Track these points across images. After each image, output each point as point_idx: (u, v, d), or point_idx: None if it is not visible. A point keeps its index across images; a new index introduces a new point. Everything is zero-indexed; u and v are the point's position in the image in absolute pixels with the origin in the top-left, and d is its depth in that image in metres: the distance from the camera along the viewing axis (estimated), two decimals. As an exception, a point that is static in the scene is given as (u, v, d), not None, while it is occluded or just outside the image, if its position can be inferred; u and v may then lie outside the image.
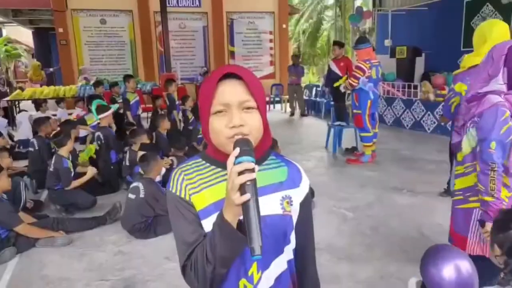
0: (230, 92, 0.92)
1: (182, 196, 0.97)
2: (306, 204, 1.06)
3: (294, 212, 1.03)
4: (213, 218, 0.93)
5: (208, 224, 0.95)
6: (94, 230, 3.78)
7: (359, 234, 3.52)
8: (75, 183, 4.27)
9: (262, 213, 0.83)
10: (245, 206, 0.81)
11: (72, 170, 4.33)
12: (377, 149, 6.00)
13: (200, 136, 6.43)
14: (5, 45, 18.02)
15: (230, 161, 0.83)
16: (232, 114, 0.91)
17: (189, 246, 0.95)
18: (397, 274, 2.83)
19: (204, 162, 1.02)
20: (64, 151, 4.28)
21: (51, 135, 5.59)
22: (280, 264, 1.01)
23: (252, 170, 0.82)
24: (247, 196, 0.80)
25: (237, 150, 0.84)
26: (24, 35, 19.36)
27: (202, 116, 0.97)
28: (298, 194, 1.04)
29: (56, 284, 2.89)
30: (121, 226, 3.73)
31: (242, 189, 0.81)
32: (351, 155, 6.16)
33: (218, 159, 0.98)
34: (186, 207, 0.97)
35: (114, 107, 5.65)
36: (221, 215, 0.87)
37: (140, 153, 4.41)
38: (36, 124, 5.60)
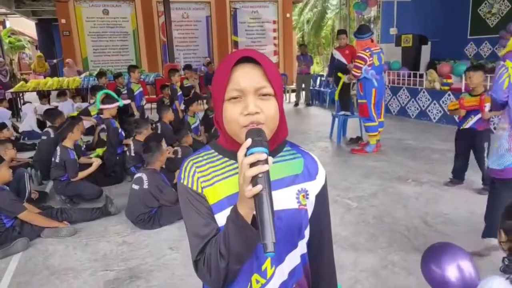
0: (246, 77, 0.86)
1: (194, 188, 0.94)
2: (322, 196, 1.02)
3: (310, 205, 0.99)
4: (226, 212, 0.90)
5: (221, 218, 0.91)
6: (98, 220, 3.80)
7: (363, 224, 3.51)
8: (81, 174, 4.28)
9: (277, 208, 0.79)
10: (257, 199, 0.76)
11: (77, 161, 4.34)
12: (382, 139, 5.96)
13: (193, 126, 6.36)
14: (9, 36, 17.99)
15: (241, 153, 0.79)
16: (248, 100, 0.85)
17: (202, 240, 0.91)
18: (401, 263, 2.83)
19: (216, 153, 0.98)
20: (68, 143, 4.29)
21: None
22: (294, 258, 0.98)
23: (265, 161, 0.77)
24: (258, 187, 0.75)
25: (249, 141, 0.79)
26: (28, 27, 19.34)
27: (216, 102, 0.92)
28: (314, 187, 0.99)
29: (62, 274, 2.91)
30: (125, 217, 3.74)
31: (254, 182, 0.76)
32: (355, 145, 6.13)
33: (231, 150, 0.93)
34: (198, 199, 0.93)
35: (120, 102, 5.64)
36: (235, 209, 0.83)
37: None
38: (50, 116, 5.60)
